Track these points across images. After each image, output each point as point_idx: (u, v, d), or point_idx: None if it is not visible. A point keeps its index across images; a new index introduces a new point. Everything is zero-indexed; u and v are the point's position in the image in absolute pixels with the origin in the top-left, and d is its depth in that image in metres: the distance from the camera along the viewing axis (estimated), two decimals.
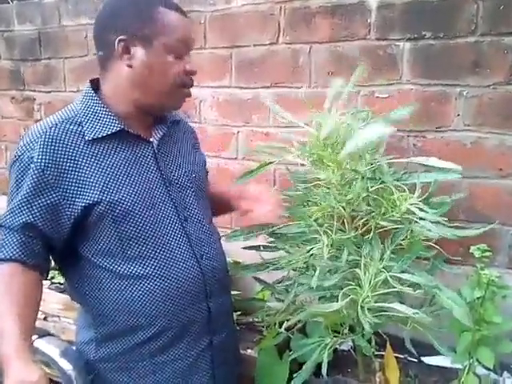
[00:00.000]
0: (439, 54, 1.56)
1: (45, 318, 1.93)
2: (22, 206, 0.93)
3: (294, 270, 1.32)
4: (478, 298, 1.31)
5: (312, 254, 1.18)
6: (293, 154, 1.22)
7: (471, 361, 1.34)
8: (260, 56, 1.86)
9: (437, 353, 1.49)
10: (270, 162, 1.23)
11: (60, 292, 1.90)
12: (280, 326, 1.71)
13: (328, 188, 1.20)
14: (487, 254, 1.39)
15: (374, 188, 1.16)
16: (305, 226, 1.19)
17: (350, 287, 1.13)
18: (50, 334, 1.14)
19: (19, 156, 0.95)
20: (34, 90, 2.53)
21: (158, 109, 1.06)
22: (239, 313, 1.85)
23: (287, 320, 1.37)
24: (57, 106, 2.39)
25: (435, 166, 1.14)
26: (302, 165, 1.23)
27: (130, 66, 0.99)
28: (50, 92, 2.46)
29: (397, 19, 1.60)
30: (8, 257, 0.93)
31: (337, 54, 1.72)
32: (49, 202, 0.93)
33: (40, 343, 1.08)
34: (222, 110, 2.00)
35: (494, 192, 1.56)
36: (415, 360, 1.61)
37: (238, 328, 1.75)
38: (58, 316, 1.91)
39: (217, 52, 1.95)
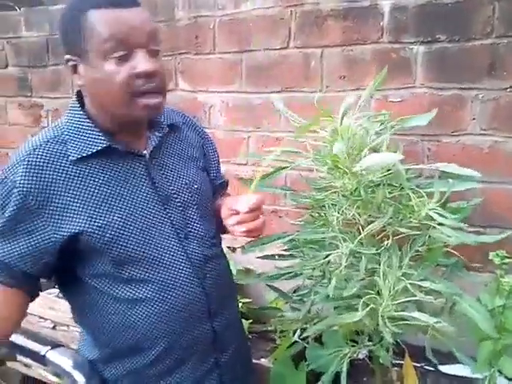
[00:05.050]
0: (454, 56, 1.53)
1: (54, 327, 1.90)
2: (5, 232, 0.89)
3: (309, 278, 1.30)
4: (498, 307, 1.28)
5: (329, 261, 1.15)
6: (308, 160, 1.20)
7: (492, 371, 1.30)
8: (271, 60, 1.84)
9: (455, 362, 1.46)
10: (286, 167, 1.20)
11: None
12: (294, 335, 1.68)
13: (344, 196, 1.17)
14: (507, 260, 1.35)
15: (392, 194, 1.14)
16: (323, 232, 1.16)
17: (369, 296, 1.10)
18: (62, 345, 1.11)
19: (3, 179, 0.91)
20: (42, 97, 2.52)
21: (126, 121, 0.94)
22: (251, 321, 1.83)
23: (302, 329, 1.34)
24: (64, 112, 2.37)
25: (454, 172, 1.12)
26: (317, 170, 1.21)
27: (83, 86, 0.92)
28: (57, 98, 2.46)
29: (410, 22, 1.57)
30: None
31: (349, 58, 1.70)
32: (30, 228, 0.89)
33: (52, 354, 1.06)
34: (231, 115, 1.98)
35: (511, 197, 1.53)
36: (433, 369, 1.57)
37: (249, 337, 1.73)
38: (68, 325, 1.88)
39: (226, 57, 1.94)
